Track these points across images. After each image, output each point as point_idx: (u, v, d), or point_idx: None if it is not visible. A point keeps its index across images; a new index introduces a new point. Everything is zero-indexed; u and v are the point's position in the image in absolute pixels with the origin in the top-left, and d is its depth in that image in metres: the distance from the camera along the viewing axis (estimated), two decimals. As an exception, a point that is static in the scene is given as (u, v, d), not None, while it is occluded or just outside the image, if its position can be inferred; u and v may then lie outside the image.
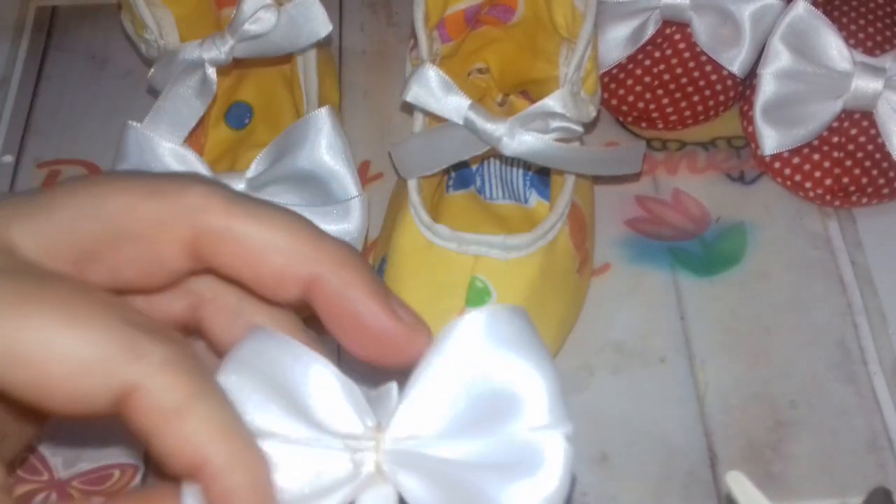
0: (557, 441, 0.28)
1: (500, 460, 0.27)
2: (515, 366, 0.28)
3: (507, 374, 0.28)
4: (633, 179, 0.51)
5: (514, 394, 0.28)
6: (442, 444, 0.28)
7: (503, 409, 0.28)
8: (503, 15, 0.50)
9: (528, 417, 0.28)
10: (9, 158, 0.54)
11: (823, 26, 0.49)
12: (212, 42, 0.47)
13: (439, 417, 0.28)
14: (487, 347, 0.28)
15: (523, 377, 0.28)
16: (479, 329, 0.28)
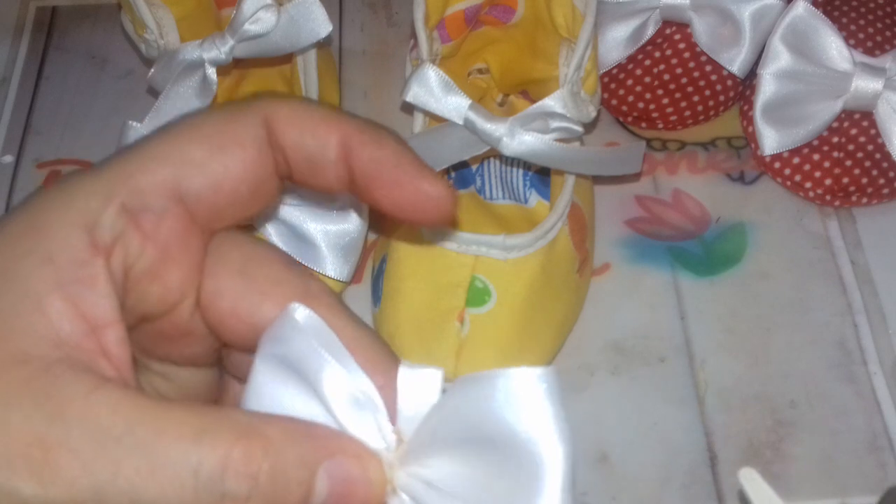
0: None
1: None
2: (547, 440, 0.28)
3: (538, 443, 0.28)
4: (633, 179, 0.51)
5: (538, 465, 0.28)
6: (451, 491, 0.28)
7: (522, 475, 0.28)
8: (503, 15, 0.50)
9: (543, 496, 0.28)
10: (9, 158, 0.54)
11: (823, 26, 0.49)
12: (212, 42, 0.47)
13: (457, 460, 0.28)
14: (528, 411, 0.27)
15: (550, 453, 0.28)
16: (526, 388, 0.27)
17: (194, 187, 0.29)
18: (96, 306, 0.28)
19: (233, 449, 0.27)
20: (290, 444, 0.28)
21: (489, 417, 0.27)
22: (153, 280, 0.29)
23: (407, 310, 0.43)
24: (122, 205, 0.28)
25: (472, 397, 0.28)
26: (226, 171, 0.29)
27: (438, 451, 0.28)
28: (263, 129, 0.30)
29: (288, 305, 0.29)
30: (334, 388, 0.28)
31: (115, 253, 0.28)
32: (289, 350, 0.29)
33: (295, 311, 0.29)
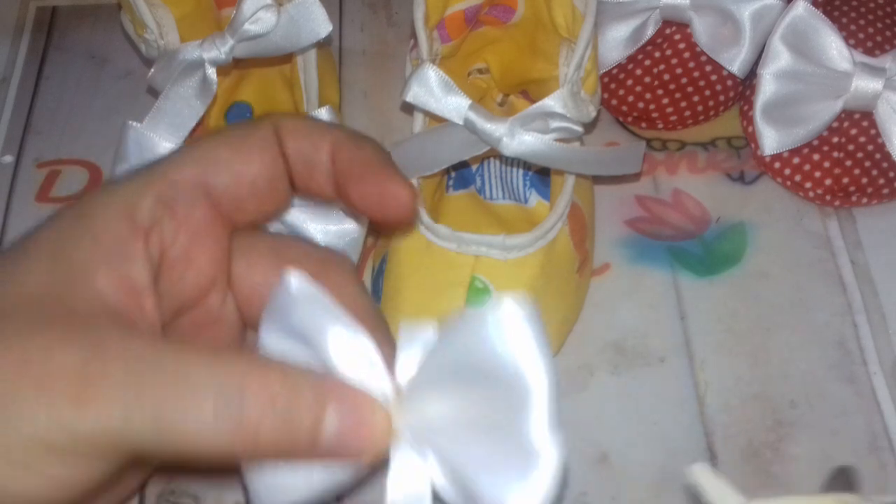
0: (552, 454, 0.29)
1: (497, 458, 0.29)
2: (533, 366, 0.29)
3: (524, 371, 0.29)
4: (633, 179, 0.51)
5: (526, 391, 0.29)
6: (449, 429, 0.30)
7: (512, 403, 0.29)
8: (503, 15, 0.50)
9: (532, 418, 0.29)
10: (9, 158, 0.54)
11: (823, 26, 0.49)
12: (212, 42, 0.47)
13: (452, 398, 0.30)
14: (514, 342, 0.29)
15: (536, 378, 0.29)
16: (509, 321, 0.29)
17: (220, 181, 0.34)
18: (137, 276, 0.32)
19: (251, 375, 0.30)
20: (303, 380, 0.30)
21: (476, 352, 0.29)
22: (187, 265, 0.34)
23: (407, 310, 0.43)
24: (158, 195, 0.33)
25: (459, 337, 0.30)
26: (247, 168, 0.34)
27: (434, 394, 0.30)
28: (274, 137, 0.35)
29: (282, 275, 0.32)
30: (336, 347, 0.31)
31: (153, 236, 0.33)
32: (289, 318, 0.31)
33: (290, 280, 0.31)
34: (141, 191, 0.33)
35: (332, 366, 0.31)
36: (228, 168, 0.34)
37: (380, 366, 0.31)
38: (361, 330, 0.31)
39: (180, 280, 0.34)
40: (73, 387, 0.29)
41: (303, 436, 0.30)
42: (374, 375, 0.31)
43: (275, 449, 0.30)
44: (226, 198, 0.34)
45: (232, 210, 0.35)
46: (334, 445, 0.30)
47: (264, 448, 0.30)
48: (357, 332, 0.31)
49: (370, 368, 0.31)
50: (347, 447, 0.30)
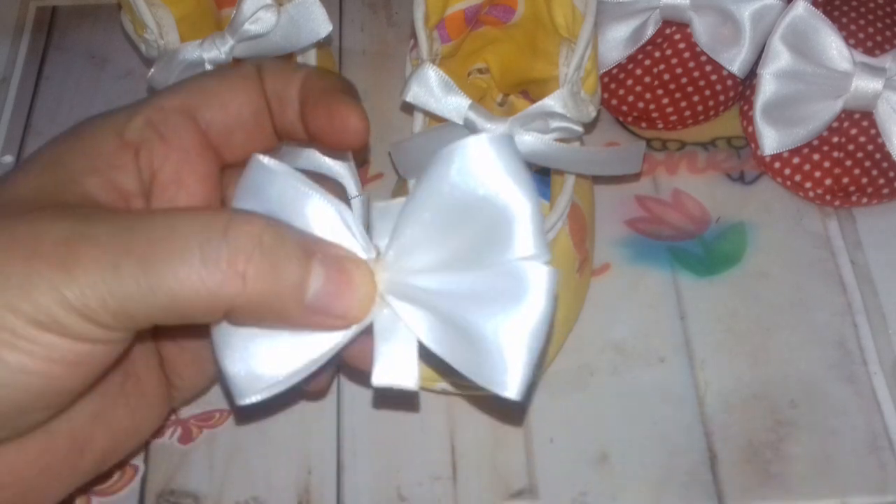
0: (542, 270, 0.28)
1: (488, 290, 0.29)
2: (509, 192, 0.28)
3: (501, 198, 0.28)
4: (633, 179, 0.51)
5: (506, 217, 0.28)
6: (434, 275, 0.29)
7: (494, 233, 0.29)
8: (503, 15, 0.50)
9: (517, 246, 0.28)
10: (9, 158, 0.54)
11: (823, 26, 0.49)
12: (212, 42, 0.47)
13: (432, 243, 0.29)
14: (485, 173, 0.28)
15: (515, 204, 0.28)
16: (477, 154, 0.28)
17: (207, 108, 0.35)
18: (126, 183, 0.33)
19: (235, 220, 0.30)
20: (288, 231, 0.30)
21: (449, 193, 0.29)
22: (178, 187, 0.34)
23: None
24: (146, 117, 0.34)
25: (430, 183, 0.29)
26: (232, 96, 0.35)
27: (414, 245, 0.30)
28: (256, 74, 0.35)
29: (253, 156, 0.32)
30: (312, 214, 0.30)
31: (142, 154, 0.33)
32: (262, 192, 0.31)
33: (261, 158, 0.31)
34: (130, 114, 0.34)
35: (311, 230, 0.30)
36: (215, 96, 0.35)
37: (358, 230, 0.31)
38: (337, 200, 0.31)
39: (172, 202, 0.34)
40: (59, 253, 0.29)
41: (289, 289, 0.29)
42: (354, 240, 0.30)
43: (261, 299, 0.29)
44: (214, 126, 0.35)
45: (221, 140, 0.35)
46: (319, 304, 0.30)
47: (251, 296, 0.29)
48: (334, 200, 0.31)
49: (348, 233, 0.30)
50: (332, 306, 0.30)
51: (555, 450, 0.43)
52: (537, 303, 0.28)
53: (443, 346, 0.30)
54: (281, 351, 0.31)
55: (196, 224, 0.29)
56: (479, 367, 0.29)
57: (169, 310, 0.29)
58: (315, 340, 0.31)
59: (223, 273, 0.29)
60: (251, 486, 0.42)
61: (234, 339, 0.31)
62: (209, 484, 0.42)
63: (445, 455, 0.43)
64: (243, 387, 0.31)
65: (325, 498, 0.42)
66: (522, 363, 0.28)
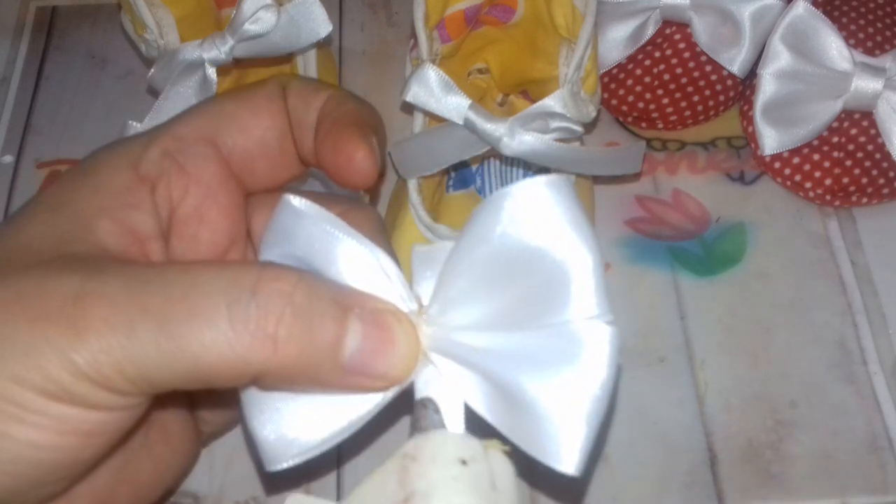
0: (604, 330, 0.25)
1: (541, 352, 0.26)
2: (568, 244, 0.25)
3: (558, 250, 0.25)
4: (633, 179, 0.51)
5: (564, 273, 0.25)
6: (483, 333, 0.26)
7: (550, 289, 0.25)
8: (503, 15, 0.50)
9: (576, 305, 0.25)
10: (9, 158, 0.54)
11: (823, 26, 0.49)
12: (212, 42, 0.47)
13: (481, 298, 0.26)
14: (541, 221, 0.25)
15: (575, 257, 0.25)
16: (532, 199, 0.25)
17: (228, 134, 0.32)
18: (141, 224, 0.30)
19: (265, 278, 0.27)
20: (322, 286, 0.27)
21: (503, 242, 0.25)
22: (200, 222, 0.32)
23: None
24: (163, 148, 0.31)
25: (483, 228, 0.26)
26: (255, 121, 0.32)
27: (461, 299, 0.26)
28: (281, 93, 0.33)
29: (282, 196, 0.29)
30: (347, 261, 0.27)
31: (160, 188, 0.31)
32: (293, 237, 0.28)
33: (291, 199, 0.28)
34: (146, 144, 0.31)
35: (345, 279, 0.27)
36: (236, 121, 0.32)
37: (398, 278, 0.28)
38: (374, 244, 0.28)
39: (194, 239, 0.32)
40: (68, 314, 0.26)
41: (324, 350, 0.27)
42: (393, 289, 0.27)
43: (295, 362, 0.27)
44: (236, 153, 0.32)
45: (243, 168, 0.32)
46: (357, 365, 0.27)
47: (283, 360, 0.27)
48: (370, 244, 0.27)
49: (388, 282, 0.27)
50: (371, 366, 0.27)
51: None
52: (598, 367, 0.26)
53: (492, 411, 0.27)
54: (315, 415, 0.28)
55: (221, 281, 0.27)
56: (532, 437, 0.26)
57: (192, 375, 0.27)
58: (352, 402, 0.28)
59: (252, 336, 0.26)
60: (251, 486, 0.42)
61: (264, 400, 0.28)
62: (209, 484, 0.42)
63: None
64: (274, 453, 0.28)
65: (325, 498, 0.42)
66: (580, 436, 0.26)
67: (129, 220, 0.30)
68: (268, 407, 0.28)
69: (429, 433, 0.27)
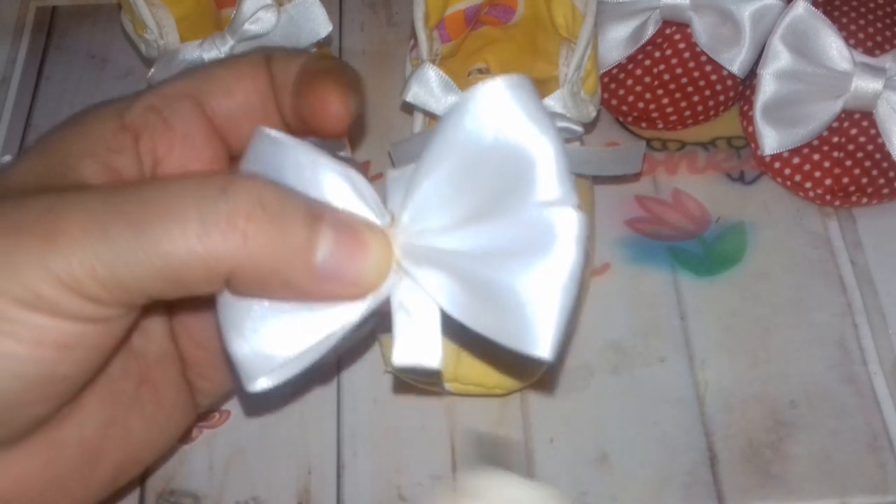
0: (569, 215, 0.26)
1: (512, 243, 0.26)
2: (528, 134, 0.26)
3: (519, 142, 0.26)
4: (633, 179, 0.51)
5: (526, 162, 0.26)
6: (454, 233, 0.27)
7: (515, 180, 0.26)
8: (503, 15, 0.50)
9: (540, 190, 0.26)
10: (8, 158, 0.54)
11: (823, 26, 0.49)
12: (212, 42, 0.47)
13: (449, 200, 0.27)
14: (502, 118, 0.26)
15: (536, 145, 0.26)
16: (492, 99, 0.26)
17: (212, 92, 0.33)
18: (125, 166, 0.31)
19: (236, 180, 0.27)
20: (294, 195, 0.28)
21: (467, 143, 0.26)
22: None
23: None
24: (150, 104, 0.32)
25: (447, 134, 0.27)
26: (238, 84, 0.33)
27: (430, 204, 0.27)
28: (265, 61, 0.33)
29: (257, 128, 0.29)
30: (323, 183, 0.28)
31: (144, 139, 0.32)
32: (268, 161, 0.29)
33: (266, 129, 0.29)
34: (132, 99, 0.32)
35: (320, 199, 0.28)
36: (221, 83, 0.33)
37: (372, 197, 0.28)
38: (348, 166, 0.28)
39: None
40: (43, 223, 0.27)
41: (295, 251, 0.27)
42: (366, 205, 0.28)
43: (264, 260, 0.27)
44: (220, 114, 0.33)
45: (229, 129, 0.33)
46: (330, 269, 0.27)
47: (253, 257, 0.27)
48: (343, 166, 0.28)
49: (362, 200, 0.28)
50: (344, 272, 0.27)
51: (555, 450, 0.43)
52: (566, 252, 0.26)
53: (466, 311, 0.27)
54: (292, 327, 0.28)
55: (192, 183, 0.27)
56: (506, 329, 0.26)
57: (164, 277, 0.27)
58: (329, 315, 0.28)
59: (222, 232, 0.26)
60: (251, 486, 0.42)
61: (240, 316, 0.28)
62: (209, 484, 0.42)
63: (445, 455, 0.43)
64: (252, 369, 0.28)
65: (325, 498, 0.42)
66: (553, 319, 0.26)
67: (112, 162, 0.31)
68: (244, 323, 0.28)
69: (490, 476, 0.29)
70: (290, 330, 0.28)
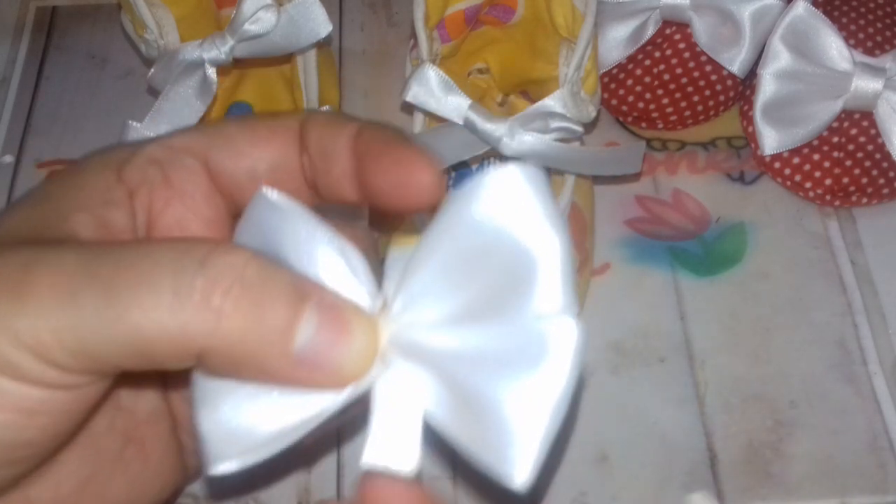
0: (568, 327, 0.24)
1: (505, 351, 0.24)
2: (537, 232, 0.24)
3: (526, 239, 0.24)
4: (633, 179, 0.51)
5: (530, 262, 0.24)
6: (445, 330, 0.25)
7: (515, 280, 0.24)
8: (503, 15, 0.50)
9: (541, 296, 0.24)
10: (9, 158, 0.54)
11: (823, 26, 0.49)
12: (212, 42, 0.47)
13: (444, 293, 0.25)
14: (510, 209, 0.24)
15: (543, 245, 0.24)
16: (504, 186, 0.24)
17: (220, 153, 0.31)
18: (117, 220, 0.30)
19: (217, 250, 0.26)
20: (279, 271, 0.26)
21: (469, 232, 0.25)
22: (182, 233, 0.31)
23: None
24: (152, 156, 0.31)
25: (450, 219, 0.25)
26: (249, 148, 0.31)
27: (424, 295, 0.26)
28: (298, 129, 0.31)
29: (260, 188, 0.28)
30: (317, 256, 0.27)
31: (140, 194, 0.30)
32: (264, 228, 0.27)
33: (267, 192, 0.28)
34: (135, 149, 0.31)
35: (315, 274, 0.26)
36: (230, 145, 0.31)
37: (366, 277, 0.26)
38: (345, 241, 0.27)
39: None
40: (16, 280, 0.25)
41: (273, 333, 0.25)
42: (359, 286, 0.26)
43: (239, 341, 0.25)
44: (225, 175, 0.31)
45: (235, 189, 0.31)
46: (308, 355, 0.25)
47: (227, 336, 0.25)
48: (340, 241, 0.27)
49: (354, 278, 0.26)
50: (323, 359, 0.26)
51: (555, 450, 0.43)
52: (560, 368, 0.24)
53: (447, 417, 0.25)
54: (265, 410, 0.26)
55: (172, 251, 0.25)
56: (485, 445, 0.24)
57: (133, 347, 0.25)
58: (306, 401, 0.26)
59: (195, 307, 0.25)
60: (251, 485, 0.42)
61: (213, 393, 0.27)
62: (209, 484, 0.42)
63: (446, 454, 0.43)
64: (216, 450, 0.26)
65: (325, 498, 0.42)
66: (535, 446, 0.24)
67: (105, 216, 0.29)
68: (216, 400, 0.27)
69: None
70: (265, 414, 0.26)
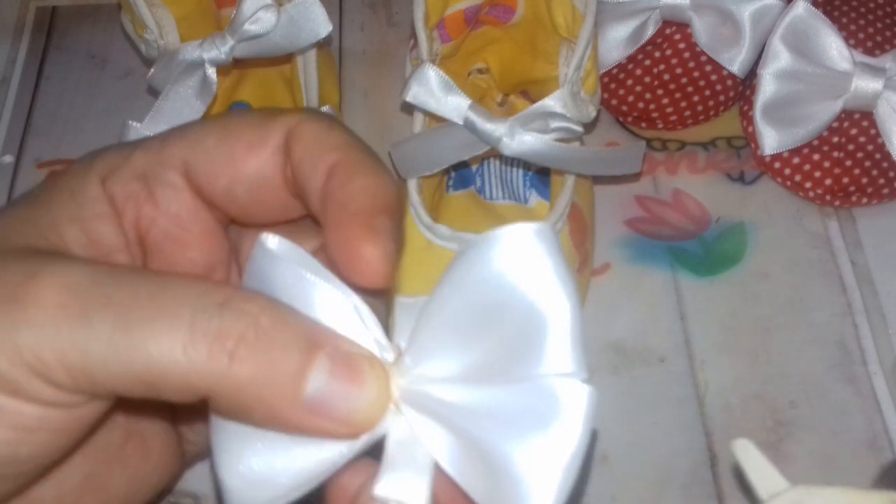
0: (578, 390, 0.24)
1: (517, 409, 0.25)
2: (548, 292, 0.24)
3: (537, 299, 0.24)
4: (633, 179, 0.51)
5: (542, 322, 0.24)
6: (457, 386, 0.25)
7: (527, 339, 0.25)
8: (503, 15, 0.50)
9: (551, 357, 0.24)
10: (9, 158, 0.54)
11: (823, 26, 0.49)
12: (212, 42, 0.47)
13: (455, 348, 0.25)
14: (523, 268, 0.24)
15: (554, 307, 0.24)
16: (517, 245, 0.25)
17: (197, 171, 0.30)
18: (107, 236, 0.30)
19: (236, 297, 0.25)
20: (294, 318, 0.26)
21: (482, 289, 0.25)
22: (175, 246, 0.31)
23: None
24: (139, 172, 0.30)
25: (463, 273, 0.25)
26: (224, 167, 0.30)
27: (436, 349, 0.26)
28: (283, 137, 0.30)
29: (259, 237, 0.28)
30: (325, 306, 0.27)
31: (128, 211, 0.30)
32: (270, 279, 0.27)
33: (266, 241, 0.27)
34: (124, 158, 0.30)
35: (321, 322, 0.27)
36: (208, 162, 0.30)
37: (375, 326, 0.27)
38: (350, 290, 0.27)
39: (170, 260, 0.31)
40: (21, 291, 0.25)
41: (284, 379, 0.25)
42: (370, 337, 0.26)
43: (249, 385, 0.25)
44: (205, 191, 0.31)
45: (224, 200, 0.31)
46: (319, 403, 0.25)
47: (237, 380, 0.25)
48: (346, 290, 0.27)
49: (364, 329, 0.26)
50: (335, 408, 0.25)
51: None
52: (572, 430, 0.24)
53: (460, 470, 0.25)
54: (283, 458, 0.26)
55: (193, 290, 0.25)
56: (497, 499, 0.25)
57: (139, 378, 0.25)
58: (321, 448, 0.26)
59: (209, 349, 0.25)
60: (251, 486, 0.42)
61: (232, 438, 0.27)
62: (209, 484, 0.42)
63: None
64: (239, 499, 0.26)
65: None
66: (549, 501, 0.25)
67: (95, 231, 0.29)
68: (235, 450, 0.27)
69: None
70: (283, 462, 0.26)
